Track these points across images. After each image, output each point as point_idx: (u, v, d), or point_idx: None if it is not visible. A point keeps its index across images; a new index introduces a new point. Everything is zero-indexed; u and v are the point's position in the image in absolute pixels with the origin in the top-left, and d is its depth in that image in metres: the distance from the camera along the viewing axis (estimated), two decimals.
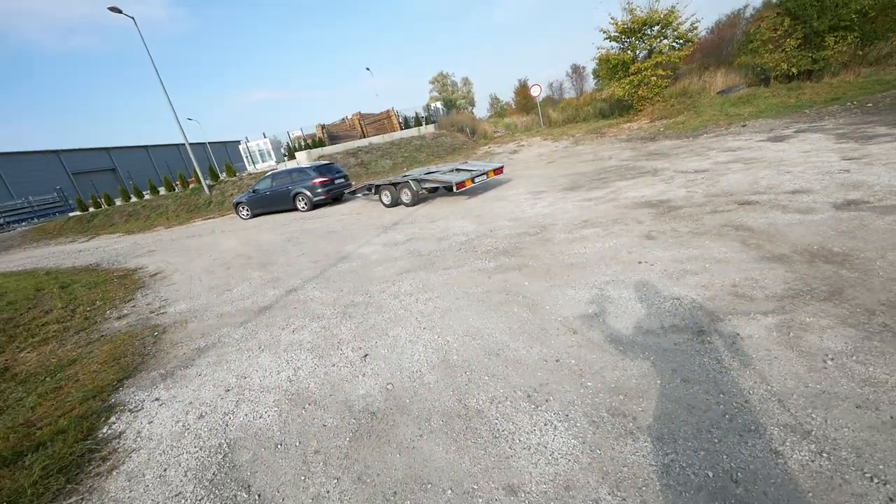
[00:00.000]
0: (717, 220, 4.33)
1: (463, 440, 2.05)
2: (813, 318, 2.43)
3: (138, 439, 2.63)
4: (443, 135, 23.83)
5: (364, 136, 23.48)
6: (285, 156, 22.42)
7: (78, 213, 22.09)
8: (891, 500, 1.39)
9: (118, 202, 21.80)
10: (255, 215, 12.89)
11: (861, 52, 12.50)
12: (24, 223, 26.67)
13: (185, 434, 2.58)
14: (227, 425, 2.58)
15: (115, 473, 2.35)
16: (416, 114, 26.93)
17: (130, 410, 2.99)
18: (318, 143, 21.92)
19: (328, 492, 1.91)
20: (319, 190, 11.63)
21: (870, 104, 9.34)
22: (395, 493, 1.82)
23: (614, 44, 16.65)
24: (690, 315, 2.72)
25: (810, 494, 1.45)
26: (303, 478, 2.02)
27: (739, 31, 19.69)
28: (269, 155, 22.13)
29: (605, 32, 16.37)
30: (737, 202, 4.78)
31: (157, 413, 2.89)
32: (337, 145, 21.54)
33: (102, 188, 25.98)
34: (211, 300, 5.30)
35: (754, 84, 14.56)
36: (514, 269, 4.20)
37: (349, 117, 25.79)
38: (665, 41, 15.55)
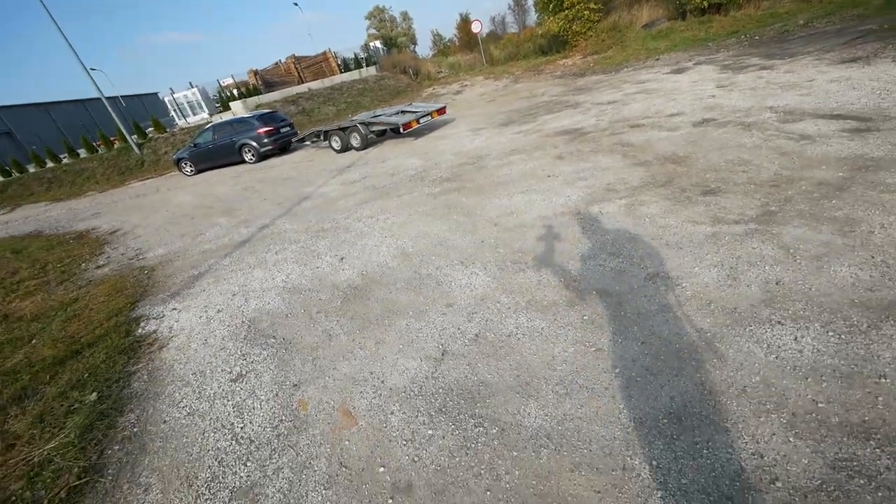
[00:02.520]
0: (611, 141, 5.49)
1: (418, 290, 3.09)
2: (648, 197, 3.64)
3: (173, 330, 3.45)
4: (385, 77, 23.27)
5: (302, 82, 22.40)
6: (219, 107, 21.07)
7: None
8: (649, 276, 2.59)
9: (32, 169, 19.78)
10: (199, 171, 12.68)
11: None
12: None
13: (211, 321, 3.43)
14: (243, 312, 3.46)
15: (165, 350, 3.20)
16: (356, 55, 25.75)
17: (155, 318, 3.76)
18: (254, 91, 20.77)
19: (331, 327, 2.91)
20: (266, 140, 11.62)
21: (757, 37, 10.77)
22: (376, 321, 2.85)
23: None
24: (574, 205, 3.86)
25: (612, 276, 2.64)
26: (312, 324, 3.00)
27: None
28: (201, 106, 20.69)
29: None
30: (629, 126, 5.95)
31: (179, 315, 3.69)
32: (273, 93, 20.55)
33: None
34: (187, 243, 5.86)
35: (674, 18, 15.65)
36: (455, 190, 5.16)
37: (283, 61, 24.22)
38: None
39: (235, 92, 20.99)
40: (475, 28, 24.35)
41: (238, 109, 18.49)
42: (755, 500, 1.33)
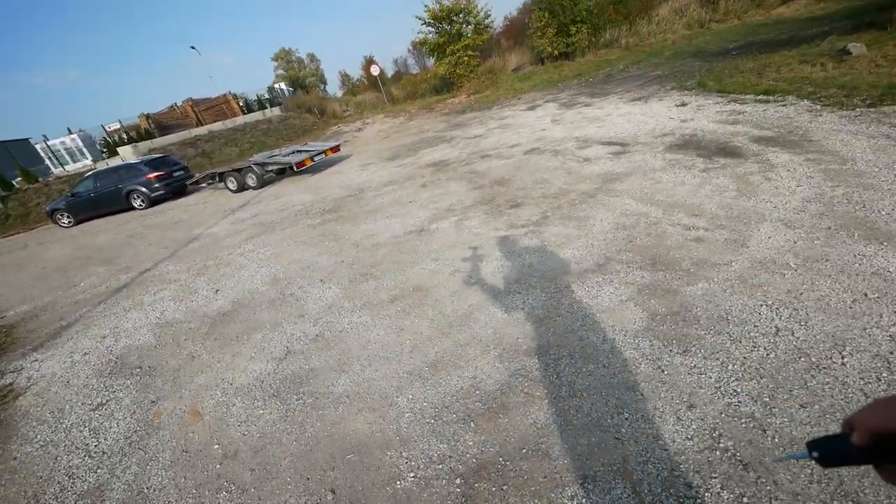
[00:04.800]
0: (464, 170, 6.47)
1: (279, 307, 3.51)
2: (473, 213, 4.51)
3: (31, 379, 3.39)
4: (290, 117, 23.16)
5: (201, 124, 21.41)
6: (104, 153, 19.15)
7: None
8: (453, 271, 3.33)
9: None
10: (79, 221, 11.51)
11: (594, 39, 16.91)
12: None
13: (76, 365, 3.45)
14: (111, 351, 3.53)
15: (21, 398, 3.16)
16: (258, 96, 25.34)
17: (12, 372, 3.62)
18: (146, 135, 19.33)
19: (195, 350, 3.18)
20: (157, 185, 11.05)
21: (591, 79, 13.19)
22: (236, 338, 3.20)
23: (431, 28, 18.64)
24: (420, 224, 4.60)
25: (428, 275, 3.33)
26: (179, 350, 3.24)
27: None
28: (82, 153, 18.65)
29: (420, 19, 18.20)
30: (481, 156, 7.04)
31: (40, 365, 3.61)
32: (169, 136, 19.36)
33: None
34: (57, 297, 5.51)
35: (535, 62, 18.28)
36: (333, 220, 5.67)
37: (180, 104, 22.96)
38: (469, 27, 18.13)
39: (124, 136, 19.30)
40: (374, 71, 25.55)
41: (128, 154, 17.09)
42: (469, 397, 2.00)
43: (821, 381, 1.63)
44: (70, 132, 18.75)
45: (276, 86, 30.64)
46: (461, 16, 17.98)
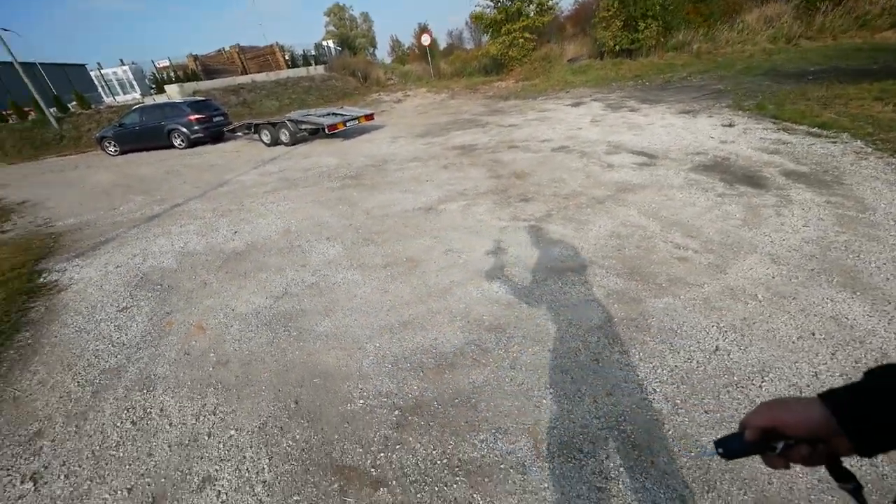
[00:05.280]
0: (488, 157, 6.74)
1: (286, 255, 3.99)
2: (483, 201, 4.82)
3: (73, 280, 4.06)
4: (334, 78, 23.76)
5: (246, 73, 22.37)
6: (152, 88, 20.49)
7: None
8: (447, 250, 3.68)
9: None
10: (124, 152, 12.60)
11: (663, 39, 16.34)
12: None
13: (109, 274, 4.09)
14: (138, 267, 4.14)
15: (63, 293, 3.82)
16: (305, 52, 26.03)
17: (57, 271, 4.32)
18: (193, 77, 20.47)
19: (208, 279, 3.71)
20: (196, 127, 11.90)
21: (648, 83, 12.91)
22: (244, 274, 3.70)
23: (490, 2, 18.55)
24: (430, 203, 4.96)
25: (423, 250, 3.70)
26: (194, 276, 3.79)
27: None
28: (132, 86, 20.03)
29: None
30: (508, 146, 7.26)
31: (80, 270, 4.29)
32: (214, 80, 20.42)
33: None
34: (99, 216, 6.29)
35: (595, 56, 17.90)
36: (351, 186, 6.11)
37: (227, 49, 23.99)
38: (531, 6, 17.92)
39: (172, 74, 20.54)
40: (424, 41, 25.59)
41: (174, 93, 18.24)
42: (425, 354, 2.38)
43: (733, 397, 1.89)
44: (122, 63, 20.10)
45: (325, 43, 31.25)
46: None
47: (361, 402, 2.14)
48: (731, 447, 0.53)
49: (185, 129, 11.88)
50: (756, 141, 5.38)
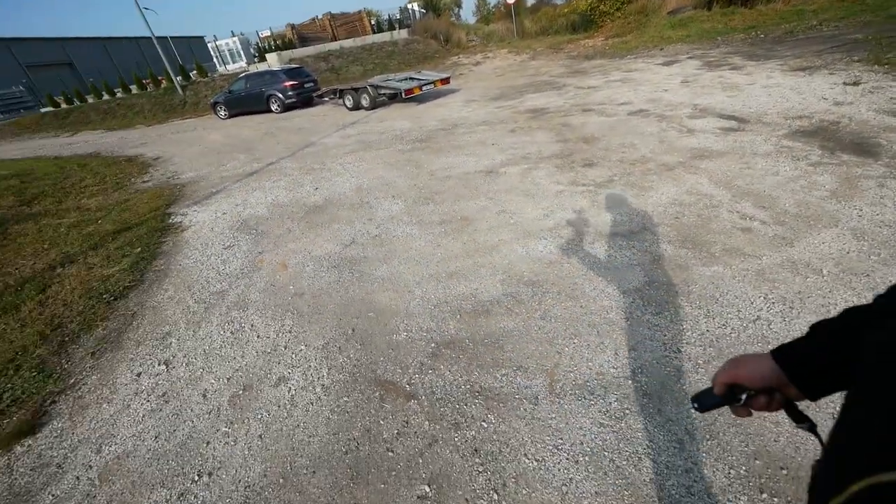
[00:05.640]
0: (558, 121, 6.48)
1: (356, 209, 4.41)
2: (545, 165, 4.75)
3: (192, 222, 4.94)
4: (416, 41, 23.74)
5: (335, 39, 23.30)
6: (255, 57, 22.40)
7: (51, 109, 22.24)
8: (500, 211, 3.79)
9: (90, 100, 21.95)
10: (232, 115, 14.20)
11: None
12: None
13: (218, 218, 4.89)
14: (240, 215, 4.89)
15: (185, 232, 4.69)
16: (389, 16, 26.26)
17: (181, 214, 5.27)
18: (289, 45, 21.92)
19: (292, 227, 4.29)
20: (290, 93, 12.93)
21: (762, 35, 10.99)
22: (320, 224, 4.20)
23: None
24: (491, 166, 5.01)
25: (477, 210, 3.85)
26: (281, 224, 4.40)
27: None
28: (240, 55, 22.08)
29: None
30: (582, 110, 6.88)
31: (198, 214, 5.18)
32: (307, 48, 21.63)
33: (61, 85, 25.40)
34: (212, 171, 7.36)
35: (701, 5, 15.52)
36: (420, 149, 6.36)
37: (319, 17, 25.07)
38: None
39: (272, 44, 22.19)
40: None
41: (273, 61, 19.76)
42: (465, 300, 2.61)
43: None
44: (233, 35, 22.10)
45: (409, 6, 31.05)
46: None
47: (405, 334, 2.45)
48: (703, 401, 0.59)
49: (280, 95, 12.99)
50: (883, 102, 4.48)
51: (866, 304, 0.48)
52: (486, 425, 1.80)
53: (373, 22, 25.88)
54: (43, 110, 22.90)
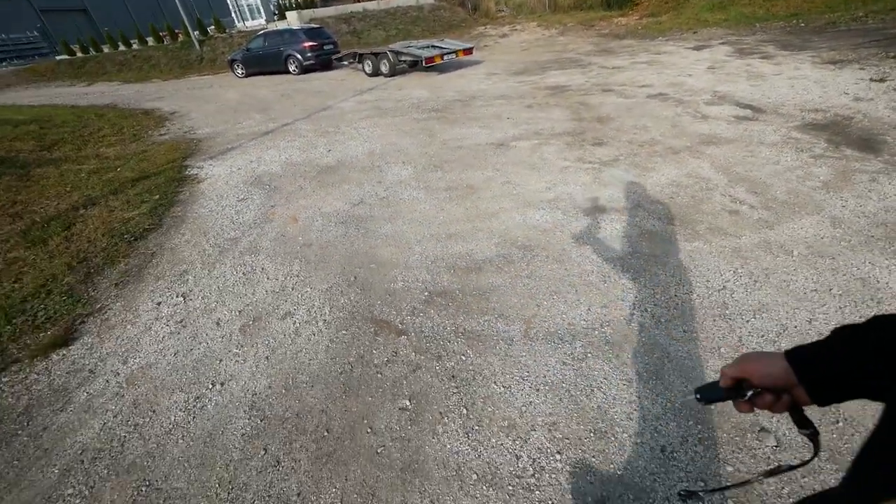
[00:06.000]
0: (576, 99, 6.57)
1: (367, 172, 4.67)
2: (556, 141, 4.92)
3: (208, 175, 5.26)
4: (442, 8, 23.35)
5: (358, 1, 22.99)
6: (275, 14, 22.30)
7: (66, 57, 22.60)
8: (505, 182, 4.01)
9: (106, 49, 22.22)
10: (249, 74, 14.36)
11: None
12: (3, 63, 26.85)
13: (233, 174, 5.20)
14: (254, 170, 5.19)
15: (201, 183, 5.01)
16: None
17: (197, 167, 5.59)
18: (310, 4, 21.73)
19: (304, 185, 4.57)
20: (309, 54, 13.01)
21: (803, 24, 10.66)
22: (332, 184, 4.47)
23: None
24: (503, 139, 5.19)
25: (483, 180, 4.07)
26: (294, 181, 4.68)
27: None
28: (259, 11, 22.00)
29: None
30: (602, 90, 6.93)
31: (213, 168, 5.49)
32: (328, 8, 21.43)
33: (75, 31, 25.67)
34: (227, 128, 7.64)
35: None
36: (435, 119, 6.53)
37: None
38: None
39: (293, 2, 22.02)
40: None
41: (293, 20, 19.67)
42: (460, 258, 2.89)
43: (717, 326, 2.09)
44: None
45: None
46: None
47: (402, 283, 2.74)
48: (707, 394, 0.60)
49: (299, 56, 13.07)
50: None
51: None
52: (464, 358, 2.10)
53: None
54: (58, 58, 23.28)
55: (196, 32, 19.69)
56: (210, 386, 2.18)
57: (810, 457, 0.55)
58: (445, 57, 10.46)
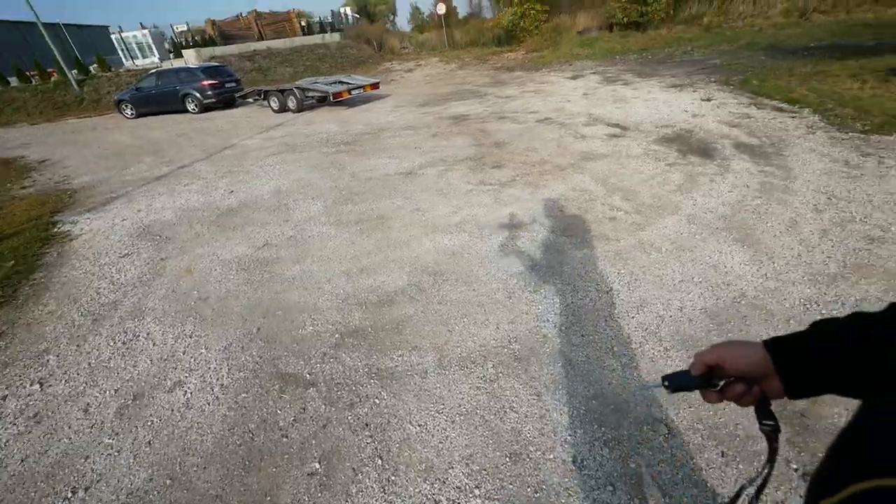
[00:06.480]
0: (476, 126, 6.83)
1: (273, 212, 4.30)
2: (459, 167, 5.00)
3: (84, 230, 4.45)
4: (349, 45, 23.33)
5: (262, 38, 22.10)
6: (171, 52, 20.46)
7: None
8: (414, 209, 3.94)
9: None
10: (140, 115, 12.86)
11: (671, 12, 15.59)
12: None
13: (115, 226, 4.46)
14: (142, 221, 4.51)
15: (75, 241, 4.21)
16: (321, 19, 25.57)
17: (70, 222, 4.72)
18: (210, 42, 20.35)
19: (201, 231, 4.06)
20: (209, 92, 12.04)
21: (650, 56, 12.49)
22: (233, 228, 4.03)
23: None
24: (411, 168, 5.16)
25: (393, 209, 3.96)
26: (190, 229, 4.14)
27: None
28: (151, 50, 20.02)
29: None
30: (498, 117, 7.32)
31: (91, 222, 4.68)
32: (230, 46, 20.26)
33: None
34: (111, 175, 6.65)
35: (604, 27, 17.18)
36: (345, 152, 6.32)
37: (244, 15, 23.62)
38: None
39: (190, 39, 20.43)
40: (440, 10, 24.77)
41: (191, 58, 18.22)
42: (371, 293, 2.70)
43: (609, 325, 2.17)
44: (143, 27, 20.01)
45: (342, 10, 30.39)
46: None
47: (311, 328, 2.48)
48: (676, 382, 0.56)
49: (198, 94, 12.03)
50: (724, 115, 5.39)
51: (876, 312, 0.45)
52: (378, 402, 1.91)
53: (303, 23, 25.00)
54: None
55: (74, 71, 17.25)
56: (69, 496, 1.71)
57: (766, 463, 0.52)
58: (353, 92, 10.36)
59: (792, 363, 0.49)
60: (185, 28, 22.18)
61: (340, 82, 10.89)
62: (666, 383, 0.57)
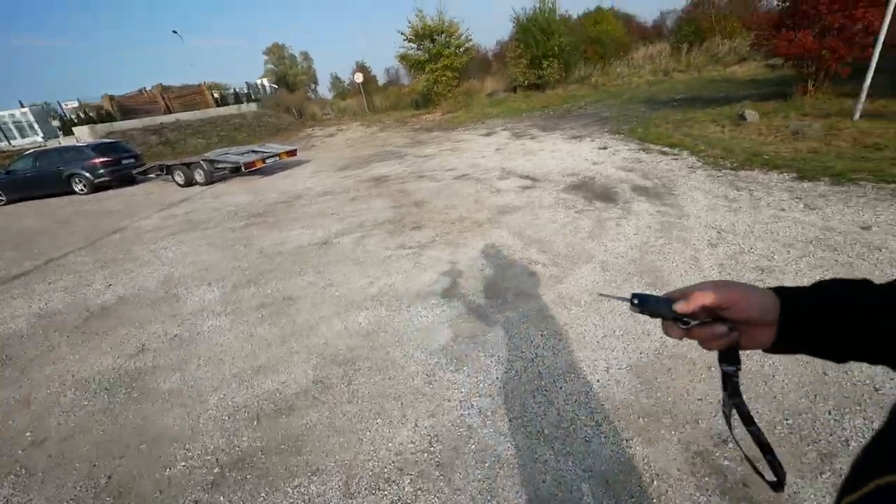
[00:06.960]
0: (396, 187, 6.81)
1: (157, 306, 3.67)
2: (378, 231, 4.81)
3: None
4: (267, 115, 23.27)
5: (170, 112, 21.21)
6: (59, 130, 18.68)
7: None
8: (328, 284, 3.59)
9: None
10: (13, 201, 11.23)
11: (563, 74, 17.94)
12: None
13: None
14: None
15: None
16: (236, 90, 25.49)
17: None
18: (108, 118, 19.02)
19: (59, 342, 3.30)
20: (102, 171, 10.94)
21: (551, 112, 13.99)
22: (103, 333, 3.34)
23: (412, 45, 19.33)
24: (327, 237, 4.86)
25: (304, 286, 3.57)
26: (42, 341, 3.35)
27: None
28: (33, 128, 18.15)
29: (403, 35, 18.87)
30: (417, 176, 7.41)
31: None
32: (133, 120, 19.12)
33: None
34: None
35: (509, 89, 19.14)
36: (255, 225, 5.86)
37: (149, 89, 22.70)
38: (449, 48, 18.91)
39: (83, 115, 18.91)
40: (357, 78, 26.11)
41: (84, 135, 16.79)
42: (267, 400, 2.24)
43: (537, 401, 1.96)
44: (22, 105, 18.24)
45: (259, 81, 30.68)
46: (443, 36, 18.75)
47: (183, 464, 1.95)
48: (647, 305, 0.50)
49: (87, 174, 10.85)
50: (619, 161, 5.95)
51: (881, 284, 0.46)
52: None
53: (216, 95, 24.64)
54: None
55: None
56: None
57: (730, 397, 0.50)
58: (268, 160, 10.03)
59: (797, 316, 0.48)
60: (76, 104, 20.54)
61: (254, 151, 10.55)
62: (635, 301, 0.51)
